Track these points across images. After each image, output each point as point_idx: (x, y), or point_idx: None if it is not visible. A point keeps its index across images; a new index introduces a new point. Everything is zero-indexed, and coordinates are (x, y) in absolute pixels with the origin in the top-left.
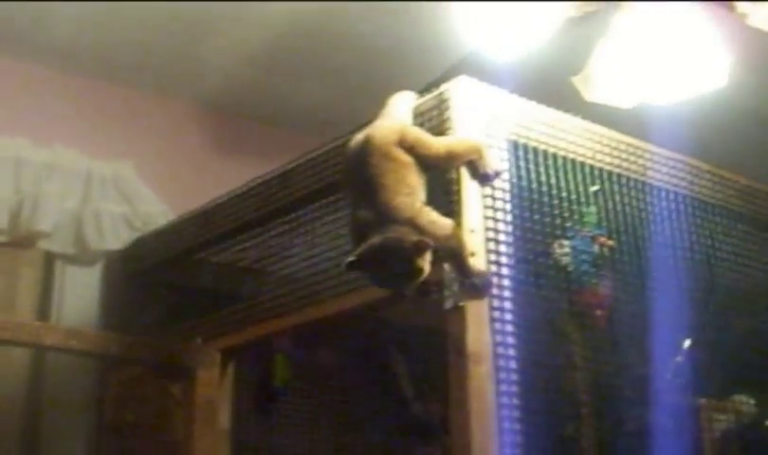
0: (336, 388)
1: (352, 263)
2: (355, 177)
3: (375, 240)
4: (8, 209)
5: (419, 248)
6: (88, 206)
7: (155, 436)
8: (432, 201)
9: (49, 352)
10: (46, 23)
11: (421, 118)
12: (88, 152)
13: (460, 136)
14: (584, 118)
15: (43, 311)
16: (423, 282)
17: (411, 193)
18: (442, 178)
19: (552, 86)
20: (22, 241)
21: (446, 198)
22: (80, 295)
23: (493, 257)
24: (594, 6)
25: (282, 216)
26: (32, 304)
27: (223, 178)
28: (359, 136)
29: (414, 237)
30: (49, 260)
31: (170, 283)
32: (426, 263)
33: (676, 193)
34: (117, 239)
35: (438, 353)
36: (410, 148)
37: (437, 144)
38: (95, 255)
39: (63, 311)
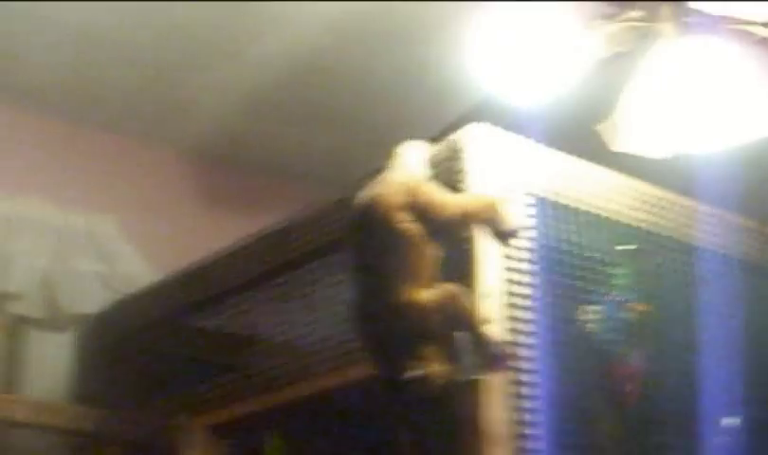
0: None
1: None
2: (357, 246)
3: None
4: None
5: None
6: (62, 264)
7: None
8: (446, 260)
9: (17, 428)
10: (18, 60)
11: (431, 169)
12: (63, 204)
13: (473, 192)
14: (615, 169)
15: (10, 381)
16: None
17: (413, 277)
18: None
19: (578, 135)
20: None
21: (460, 257)
22: (51, 364)
23: (514, 324)
24: (626, 44)
25: (277, 277)
26: None
27: (212, 235)
28: (364, 198)
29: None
30: (18, 324)
31: (152, 352)
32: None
33: (718, 253)
34: (93, 302)
35: (451, 432)
36: (420, 213)
37: (451, 206)
38: (68, 319)
39: (32, 382)
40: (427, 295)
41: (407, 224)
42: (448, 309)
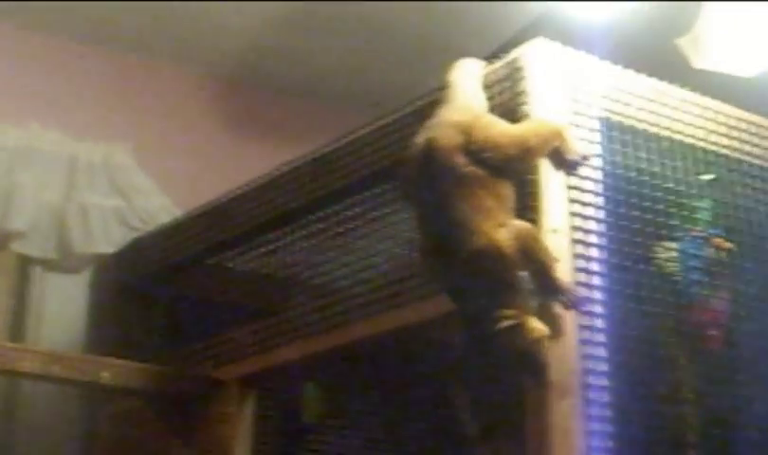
0: (380, 425)
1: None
2: (418, 195)
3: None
4: None
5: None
6: (73, 199)
7: None
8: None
9: (26, 380)
10: None
11: (489, 91)
12: (73, 132)
13: (534, 120)
14: (693, 90)
15: (17, 329)
16: None
17: (487, 217)
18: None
19: (651, 52)
20: None
21: (521, 190)
22: (62, 309)
23: (582, 264)
24: None
25: (314, 213)
26: (4, 320)
27: (240, 166)
28: (420, 142)
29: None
30: (25, 265)
31: (174, 295)
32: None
33: None
34: (108, 240)
35: (512, 382)
36: (479, 153)
37: (510, 143)
38: (81, 260)
39: (41, 329)
40: (504, 235)
41: (468, 167)
42: (525, 249)
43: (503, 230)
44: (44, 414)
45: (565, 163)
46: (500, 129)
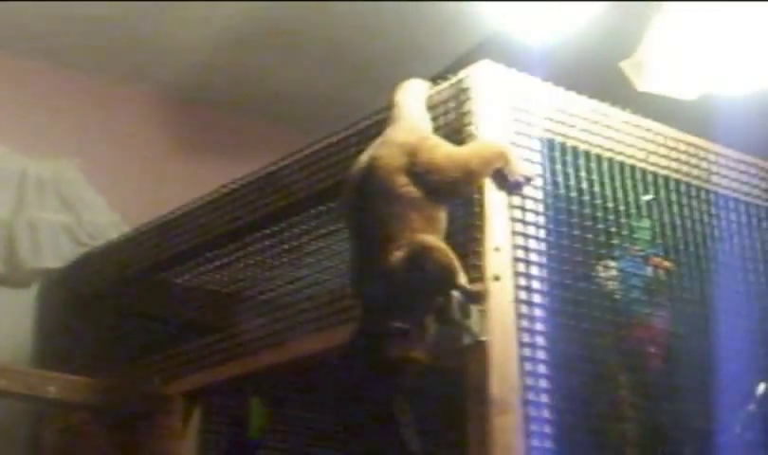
0: (324, 440)
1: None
2: (355, 213)
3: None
4: None
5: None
6: (22, 214)
7: None
8: (451, 212)
9: None
10: None
11: (434, 111)
12: (23, 148)
13: (478, 142)
14: (636, 112)
15: None
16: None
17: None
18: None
19: (595, 74)
20: None
21: (464, 210)
22: (10, 323)
23: (523, 281)
24: None
25: (261, 230)
26: None
27: (189, 183)
28: (363, 160)
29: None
30: None
31: (121, 310)
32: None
33: (747, 203)
34: (57, 255)
35: (455, 397)
36: (422, 175)
37: (454, 165)
38: (29, 274)
39: None
40: (397, 254)
41: (405, 188)
42: (418, 264)
43: (397, 252)
44: None
45: (508, 184)
46: (443, 151)
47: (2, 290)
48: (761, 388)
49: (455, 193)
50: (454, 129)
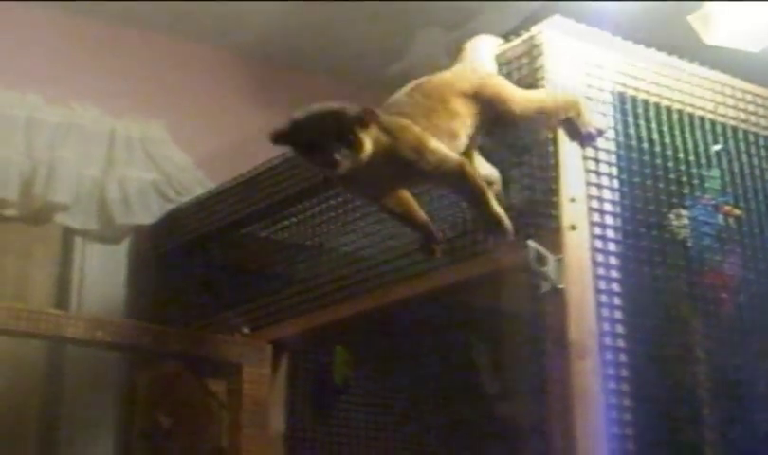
0: (405, 385)
1: (278, 133)
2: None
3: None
4: (18, 178)
5: (365, 119)
6: (112, 173)
7: (194, 443)
8: (526, 165)
9: (70, 344)
10: None
11: (507, 67)
12: (112, 110)
13: (553, 89)
14: (703, 64)
15: (61, 296)
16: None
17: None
18: (535, 139)
19: (663, 28)
20: (35, 215)
21: (540, 162)
22: (104, 277)
23: (598, 230)
24: None
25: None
26: (49, 288)
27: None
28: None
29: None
30: (68, 236)
31: (210, 263)
32: (369, 141)
33: None
34: (146, 211)
35: (532, 342)
36: (485, 103)
37: (523, 101)
38: (121, 230)
39: (84, 296)
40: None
41: (458, 104)
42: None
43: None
44: (87, 378)
45: (581, 136)
46: (515, 89)
47: (95, 246)
48: None
49: (519, 125)
50: (527, 85)
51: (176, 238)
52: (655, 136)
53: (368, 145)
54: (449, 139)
